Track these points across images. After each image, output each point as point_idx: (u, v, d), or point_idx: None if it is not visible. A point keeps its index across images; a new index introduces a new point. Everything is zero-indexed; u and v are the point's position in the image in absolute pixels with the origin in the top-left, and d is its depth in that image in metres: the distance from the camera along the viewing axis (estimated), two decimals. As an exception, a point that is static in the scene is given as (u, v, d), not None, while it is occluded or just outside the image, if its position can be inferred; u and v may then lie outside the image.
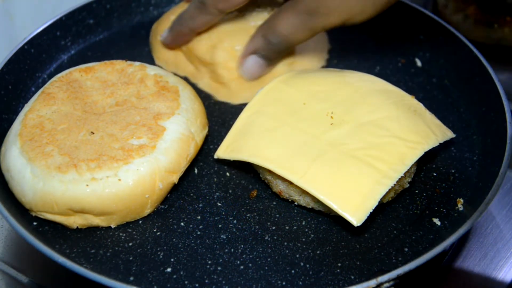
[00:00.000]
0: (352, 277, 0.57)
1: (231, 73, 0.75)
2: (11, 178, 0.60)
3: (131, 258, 0.58)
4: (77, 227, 0.59)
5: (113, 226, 0.60)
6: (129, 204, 0.59)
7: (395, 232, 0.61)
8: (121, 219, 0.60)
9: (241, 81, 0.75)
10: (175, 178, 0.62)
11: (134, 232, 0.60)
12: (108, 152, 0.59)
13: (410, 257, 0.58)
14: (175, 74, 0.76)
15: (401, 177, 0.61)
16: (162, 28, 0.80)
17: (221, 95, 0.76)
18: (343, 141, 0.62)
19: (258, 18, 0.77)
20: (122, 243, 0.59)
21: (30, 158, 0.59)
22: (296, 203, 0.62)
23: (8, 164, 0.60)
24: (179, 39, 0.76)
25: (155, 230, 0.61)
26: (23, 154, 0.60)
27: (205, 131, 0.67)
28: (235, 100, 0.76)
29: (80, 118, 0.63)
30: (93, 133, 0.61)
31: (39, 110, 0.64)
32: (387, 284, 0.53)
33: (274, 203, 0.64)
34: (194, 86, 0.76)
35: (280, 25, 0.65)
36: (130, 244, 0.59)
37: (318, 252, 0.59)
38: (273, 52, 0.69)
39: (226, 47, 0.75)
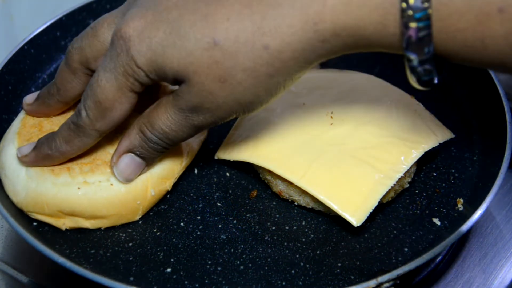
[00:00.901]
0: (352, 277, 0.57)
1: None
2: (4, 176, 0.59)
3: (131, 258, 0.58)
4: (66, 229, 0.59)
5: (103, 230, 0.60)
6: (120, 209, 0.59)
7: (395, 232, 0.61)
8: (111, 223, 0.60)
9: None
10: (168, 185, 0.61)
11: (134, 232, 0.60)
12: (103, 156, 0.59)
13: (410, 257, 0.58)
14: None
15: (401, 177, 0.61)
16: None
17: None
18: (343, 141, 0.62)
19: None
20: (122, 243, 0.59)
21: None
22: (296, 203, 0.62)
23: (3, 162, 0.60)
24: (45, 163, 0.59)
25: (155, 230, 0.61)
26: None
27: (202, 137, 0.66)
28: None
29: None
30: None
31: None
32: (387, 284, 0.53)
33: (274, 203, 0.64)
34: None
35: (160, 121, 0.55)
36: (130, 244, 0.59)
37: (318, 252, 0.59)
38: (152, 150, 0.58)
39: None
